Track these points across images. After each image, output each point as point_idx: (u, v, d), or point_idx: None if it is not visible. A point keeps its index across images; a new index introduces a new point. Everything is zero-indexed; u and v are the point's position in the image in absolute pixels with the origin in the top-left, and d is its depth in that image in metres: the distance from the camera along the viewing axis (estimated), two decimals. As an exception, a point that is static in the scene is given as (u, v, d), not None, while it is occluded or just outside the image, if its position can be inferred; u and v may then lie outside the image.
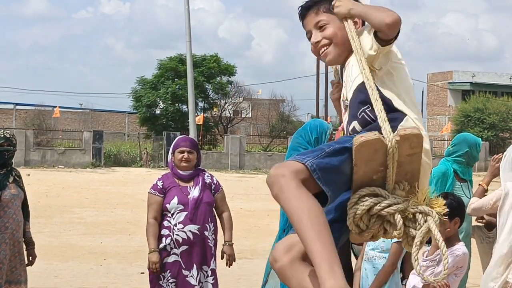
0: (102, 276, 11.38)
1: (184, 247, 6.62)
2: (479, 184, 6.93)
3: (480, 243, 7.36)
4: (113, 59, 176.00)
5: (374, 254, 5.64)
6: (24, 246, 7.19)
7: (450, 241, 5.55)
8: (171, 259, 6.62)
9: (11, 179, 6.96)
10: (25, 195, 7.20)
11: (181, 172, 6.78)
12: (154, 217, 6.73)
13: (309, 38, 3.42)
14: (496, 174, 6.75)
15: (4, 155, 6.92)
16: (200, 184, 6.77)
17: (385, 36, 3.13)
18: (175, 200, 6.69)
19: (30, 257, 7.23)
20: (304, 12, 3.44)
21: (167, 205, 6.70)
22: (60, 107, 55.84)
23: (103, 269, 11.99)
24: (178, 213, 6.64)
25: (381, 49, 3.15)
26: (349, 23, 3.28)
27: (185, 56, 48.91)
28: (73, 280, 11.00)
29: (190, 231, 6.63)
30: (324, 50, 3.35)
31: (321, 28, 3.37)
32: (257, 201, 24.49)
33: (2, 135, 6.96)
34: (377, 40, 3.14)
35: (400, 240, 5.44)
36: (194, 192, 6.71)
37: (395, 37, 3.16)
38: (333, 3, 3.33)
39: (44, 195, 24.27)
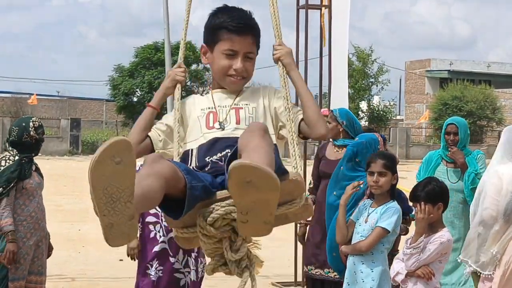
0: (80, 263, 11.29)
1: (172, 234, 6.55)
2: None
3: None
4: (87, 47, 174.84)
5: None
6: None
7: (434, 227, 5.51)
8: (159, 247, 6.55)
9: (33, 167, 6.74)
10: None
11: None
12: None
13: (230, 53, 3.37)
14: None
15: (40, 144, 6.76)
16: None
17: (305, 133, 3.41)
18: None
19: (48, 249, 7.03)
20: (245, 30, 3.38)
21: None
22: (37, 94, 55.44)
23: (81, 256, 11.90)
24: None
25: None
26: (281, 68, 3.42)
27: (160, 44, 48.66)
28: (51, 267, 10.79)
29: None
30: (237, 79, 3.39)
31: (246, 59, 3.39)
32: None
33: (40, 123, 6.73)
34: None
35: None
36: None
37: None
38: (275, 45, 3.43)
39: (21, 183, 24.05)
